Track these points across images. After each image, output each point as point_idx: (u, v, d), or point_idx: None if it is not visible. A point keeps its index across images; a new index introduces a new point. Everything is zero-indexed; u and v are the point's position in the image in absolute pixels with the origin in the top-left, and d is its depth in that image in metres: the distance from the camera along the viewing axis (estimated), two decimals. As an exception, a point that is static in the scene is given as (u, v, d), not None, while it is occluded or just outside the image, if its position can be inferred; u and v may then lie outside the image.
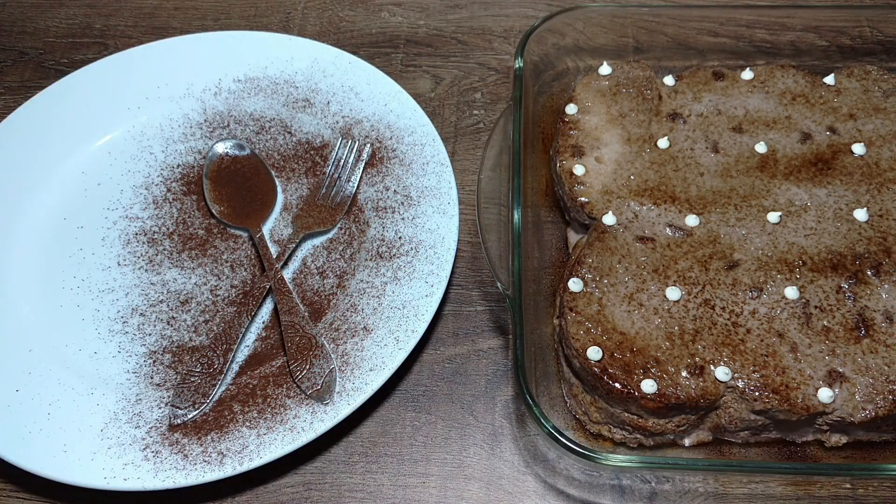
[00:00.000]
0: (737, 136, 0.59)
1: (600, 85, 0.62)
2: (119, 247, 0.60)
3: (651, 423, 0.49)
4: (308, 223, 0.60)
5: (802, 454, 0.51)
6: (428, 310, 0.55)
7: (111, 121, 0.66)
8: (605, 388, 0.49)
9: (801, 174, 0.57)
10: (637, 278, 0.52)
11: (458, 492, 0.52)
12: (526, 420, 0.54)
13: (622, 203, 0.56)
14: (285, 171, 0.64)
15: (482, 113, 0.70)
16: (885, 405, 0.48)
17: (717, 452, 0.52)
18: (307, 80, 0.68)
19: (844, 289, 0.52)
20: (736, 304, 0.51)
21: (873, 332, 0.50)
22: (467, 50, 0.74)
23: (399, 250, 0.59)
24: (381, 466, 0.53)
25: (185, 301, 0.58)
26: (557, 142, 0.60)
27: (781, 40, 0.67)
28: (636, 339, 0.50)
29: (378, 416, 0.55)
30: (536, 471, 0.53)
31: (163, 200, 0.63)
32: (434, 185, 0.61)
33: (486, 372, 0.57)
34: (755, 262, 0.53)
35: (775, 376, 0.48)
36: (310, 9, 0.77)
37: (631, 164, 0.58)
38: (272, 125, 0.66)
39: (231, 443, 0.50)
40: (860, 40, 0.67)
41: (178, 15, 0.77)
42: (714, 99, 0.61)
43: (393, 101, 0.66)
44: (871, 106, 0.61)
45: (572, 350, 0.50)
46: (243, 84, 0.68)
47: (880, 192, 0.56)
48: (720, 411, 0.49)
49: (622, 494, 0.52)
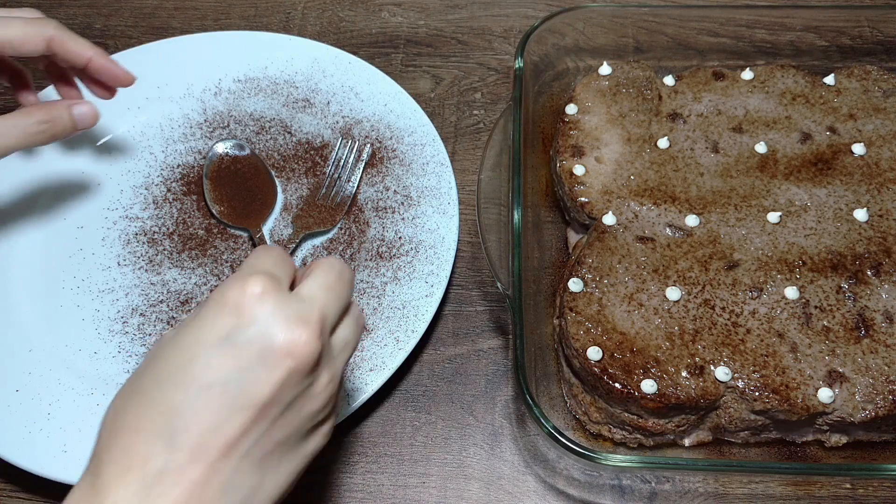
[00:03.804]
0: (737, 136, 0.59)
1: (600, 85, 0.62)
2: (119, 247, 0.60)
3: (651, 423, 0.49)
4: (308, 223, 0.60)
5: (802, 454, 0.51)
6: (428, 310, 0.55)
7: (111, 121, 0.66)
8: (605, 388, 0.49)
9: (801, 174, 0.57)
10: (637, 278, 0.52)
11: (458, 492, 0.52)
12: (526, 420, 0.54)
13: (622, 203, 0.56)
14: (285, 171, 0.64)
15: (482, 113, 0.70)
16: (885, 405, 0.48)
17: (717, 452, 0.52)
18: (307, 80, 0.68)
19: (844, 289, 0.52)
20: (736, 304, 0.51)
21: (873, 332, 0.50)
22: (467, 50, 0.74)
23: (399, 250, 0.59)
24: (381, 466, 0.53)
25: (186, 301, 0.58)
26: (557, 142, 0.60)
27: (781, 40, 0.67)
28: (636, 339, 0.50)
29: (378, 416, 0.55)
30: (536, 471, 0.53)
31: (163, 200, 0.63)
32: (434, 185, 0.61)
33: (486, 372, 0.57)
34: (755, 262, 0.53)
35: (775, 376, 0.48)
36: (310, 9, 0.77)
37: (631, 164, 0.58)
38: (272, 125, 0.66)
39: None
40: (860, 40, 0.67)
41: (178, 15, 0.77)
42: (714, 99, 0.61)
43: (393, 102, 0.66)
44: (871, 106, 0.61)
45: (572, 350, 0.50)
46: (243, 84, 0.68)
47: (880, 192, 0.56)
48: (720, 411, 0.49)
49: (622, 494, 0.52)
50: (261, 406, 0.34)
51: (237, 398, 0.33)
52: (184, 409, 0.33)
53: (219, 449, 0.33)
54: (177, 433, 0.33)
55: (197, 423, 0.33)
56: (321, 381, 0.36)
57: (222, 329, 0.34)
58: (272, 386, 0.34)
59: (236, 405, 0.33)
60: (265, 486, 0.35)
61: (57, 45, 0.50)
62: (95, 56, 0.51)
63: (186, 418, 0.33)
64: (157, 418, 0.33)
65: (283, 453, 0.36)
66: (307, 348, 0.34)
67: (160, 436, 0.32)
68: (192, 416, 0.33)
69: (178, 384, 0.33)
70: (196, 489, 0.32)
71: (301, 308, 0.35)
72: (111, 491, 0.32)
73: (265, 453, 0.35)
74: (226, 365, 0.33)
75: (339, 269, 0.38)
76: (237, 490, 0.34)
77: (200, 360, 0.33)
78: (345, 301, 0.38)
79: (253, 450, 0.34)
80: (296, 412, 0.36)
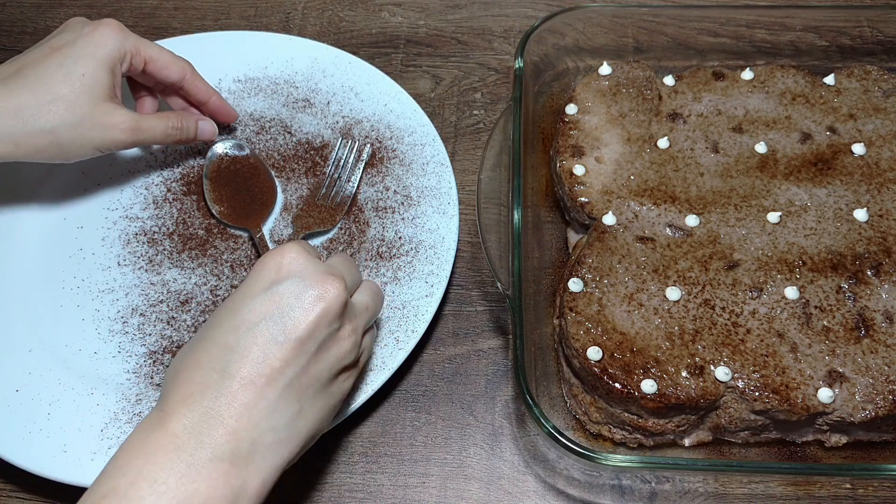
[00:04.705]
0: (737, 136, 0.59)
1: (600, 85, 0.62)
2: (119, 247, 0.60)
3: (651, 423, 0.49)
4: (308, 223, 0.60)
5: (802, 454, 0.51)
6: (428, 310, 0.55)
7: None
8: (605, 388, 0.49)
9: (801, 174, 0.57)
10: (637, 278, 0.52)
11: (458, 492, 0.52)
12: (526, 420, 0.55)
13: (622, 203, 0.56)
14: (285, 171, 0.64)
15: (482, 113, 0.70)
16: (885, 405, 0.48)
17: (717, 452, 0.52)
18: (307, 80, 0.68)
19: (844, 289, 0.52)
20: (736, 304, 0.51)
21: (873, 332, 0.50)
22: (467, 50, 0.74)
23: (399, 250, 0.59)
24: (381, 466, 0.53)
25: (185, 301, 0.58)
26: (557, 142, 0.60)
27: (781, 40, 0.67)
28: (636, 339, 0.50)
29: (378, 416, 0.55)
30: (536, 471, 0.53)
31: (163, 200, 0.63)
32: (434, 185, 0.61)
33: (486, 372, 0.57)
34: (755, 262, 0.53)
35: (775, 376, 0.48)
36: (310, 9, 0.77)
37: (631, 164, 0.58)
38: (272, 125, 0.66)
39: (231, 443, 0.50)
40: (860, 40, 0.67)
41: (178, 15, 0.77)
42: (714, 99, 0.61)
43: (393, 101, 0.66)
44: (871, 106, 0.61)
45: (572, 350, 0.50)
46: (243, 84, 0.68)
47: (880, 192, 0.56)
48: (720, 411, 0.49)
49: (622, 494, 0.52)
50: (299, 340, 0.40)
51: (279, 334, 0.40)
52: (234, 345, 0.40)
53: (265, 377, 0.39)
54: (230, 364, 0.39)
55: (246, 356, 0.39)
56: (346, 328, 0.43)
57: (265, 283, 0.42)
58: (308, 323, 0.41)
59: (279, 339, 0.40)
60: (304, 414, 0.41)
61: (189, 81, 0.60)
62: (215, 97, 0.62)
63: (237, 352, 0.40)
64: (213, 354, 0.40)
65: (318, 388, 0.42)
66: (335, 293, 0.42)
67: (216, 368, 0.39)
68: (242, 351, 0.40)
69: (230, 327, 0.41)
70: (245, 411, 0.39)
71: (327, 268, 0.43)
72: (175, 415, 0.38)
73: (304, 386, 0.41)
74: (268, 308, 0.41)
75: (349, 255, 0.51)
76: (280, 414, 0.40)
77: (247, 306, 0.41)
78: (358, 276, 0.47)
79: (294, 381, 0.40)
80: (327, 351, 0.42)
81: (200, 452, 0.37)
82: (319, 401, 0.43)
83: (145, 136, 0.57)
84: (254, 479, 0.39)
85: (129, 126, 0.55)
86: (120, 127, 0.55)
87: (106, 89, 0.54)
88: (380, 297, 0.48)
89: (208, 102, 0.62)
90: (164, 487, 0.36)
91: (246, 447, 0.38)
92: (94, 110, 0.54)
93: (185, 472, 0.37)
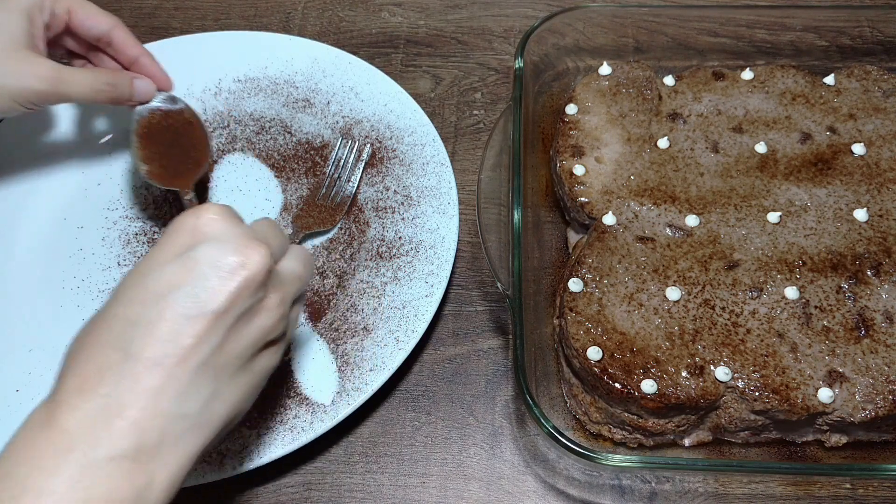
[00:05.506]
0: (737, 136, 0.59)
1: (600, 85, 0.62)
2: (119, 247, 0.60)
3: (651, 423, 0.49)
4: (308, 223, 0.60)
5: (802, 454, 0.51)
6: (428, 310, 0.55)
7: (111, 121, 0.66)
8: (605, 388, 0.49)
9: (801, 174, 0.57)
10: (637, 278, 0.52)
11: (458, 492, 0.52)
12: (526, 420, 0.55)
13: (622, 203, 0.56)
14: (285, 171, 0.64)
15: (482, 113, 0.70)
16: (885, 405, 0.48)
17: (717, 452, 0.52)
18: (307, 80, 0.68)
19: (844, 289, 0.52)
20: (736, 304, 0.51)
21: (873, 332, 0.50)
22: (467, 50, 0.74)
23: (399, 250, 0.59)
24: (381, 466, 0.53)
25: (185, 301, 0.58)
26: (557, 142, 0.60)
27: (781, 40, 0.67)
28: (636, 339, 0.50)
29: (378, 416, 0.55)
30: (536, 471, 0.53)
31: (163, 200, 0.63)
32: (434, 185, 0.61)
33: (486, 372, 0.57)
34: (755, 262, 0.53)
35: (775, 376, 0.48)
36: (310, 9, 0.77)
37: (631, 164, 0.58)
38: (272, 125, 0.66)
39: (231, 443, 0.50)
40: (860, 40, 0.67)
41: (178, 15, 0.77)
42: (714, 99, 0.61)
43: (393, 102, 0.66)
44: (871, 106, 0.61)
45: (572, 350, 0.50)
46: (243, 84, 0.68)
47: (880, 193, 0.56)
48: (720, 411, 0.49)
49: (622, 494, 0.52)
50: (215, 314, 0.35)
51: (192, 307, 0.35)
52: (139, 320, 0.34)
53: (175, 356, 0.34)
54: (133, 343, 0.34)
55: (153, 333, 0.34)
56: (272, 298, 0.38)
57: (178, 247, 0.36)
58: (226, 295, 0.35)
59: (191, 313, 0.35)
60: (220, 396, 0.36)
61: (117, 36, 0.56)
62: (146, 58, 0.58)
63: (142, 328, 0.34)
64: (115, 331, 0.34)
65: (238, 366, 0.37)
66: (258, 259, 0.36)
67: (117, 347, 0.34)
68: (148, 326, 0.34)
69: (134, 298, 0.35)
70: (151, 397, 0.33)
71: (250, 231, 0.38)
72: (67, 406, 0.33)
73: (221, 364, 0.36)
74: (180, 276, 0.35)
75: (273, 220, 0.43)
76: (193, 398, 0.35)
77: (155, 274, 0.35)
78: (285, 241, 0.42)
79: (209, 359, 0.35)
80: (248, 324, 0.37)
81: (97, 450, 0.32)
82: (239, 380, 0.38)
83: (69, 88, 0.52)
84: (162, 473, 0.33)
85: (48, 75, 0.51)
86: (38, 75, 0.50)
87: (23, 36, 0.50)
88: (310, 263, 0.43)
89: (138, 61, 0.57)
90: (51, 500, 0.31)
91: (152, 439, 0.33)
92: (8, 57, 0.50)
93: (78, 476, 0.31)
